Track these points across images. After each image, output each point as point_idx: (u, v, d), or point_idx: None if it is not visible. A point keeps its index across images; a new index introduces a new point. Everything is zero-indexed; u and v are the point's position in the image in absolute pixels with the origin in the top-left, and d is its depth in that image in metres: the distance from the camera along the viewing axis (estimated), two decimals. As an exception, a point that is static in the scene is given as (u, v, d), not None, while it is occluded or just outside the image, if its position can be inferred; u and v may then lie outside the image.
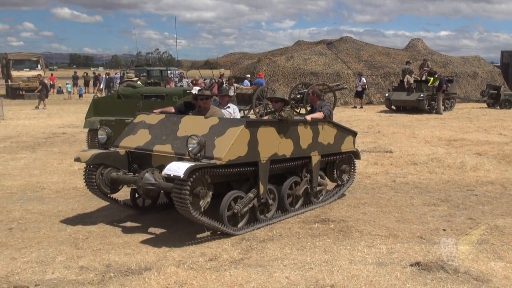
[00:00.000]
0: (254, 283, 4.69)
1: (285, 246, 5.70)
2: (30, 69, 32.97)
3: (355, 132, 7.99)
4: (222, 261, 5.28)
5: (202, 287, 4.62)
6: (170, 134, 6.32)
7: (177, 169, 5.23)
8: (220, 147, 5.72)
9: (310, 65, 29.35)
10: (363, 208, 7.28)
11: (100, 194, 6.48)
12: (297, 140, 6.69)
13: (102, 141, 6.51)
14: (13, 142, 13.83)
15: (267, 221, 6.44)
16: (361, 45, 33.54)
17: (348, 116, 20.69)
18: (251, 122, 6.21)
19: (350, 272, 4.89)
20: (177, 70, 41.21)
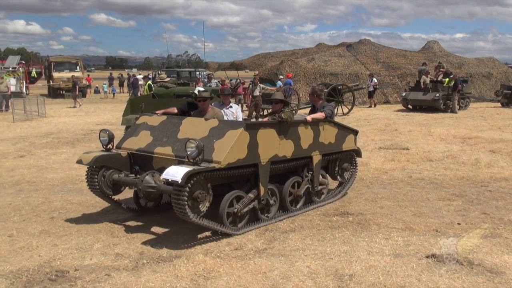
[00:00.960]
0: (277, 271, 4.69)
1: (306, 237, 5.69)
2: (69, 71, 33.53)
3: (356, 130, 7.68)
4: (247, 250, 5.29)
5: (228, 274, 4.65)
6: (171, 136, 6.03)
7: (175, 174, 4.94)
8: (219, 150, 5.42)
9: (330, 66, 29.15)
10: (381, 202, 7.20)
11: (103, 195, 6.23)
12: (297, 141, 6.37)
13: (104, 143, 6.28)
14: (54, 138, 14.10)
15: (268, 221, 6.15)
16: (379, 47, 33.14)
17: (366, 115, 20.49)
18: (250, 124, 5.83)
19: (368, 263, 4.85)
20: (205, 71, 41.47)
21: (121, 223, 6.22)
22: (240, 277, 4.58)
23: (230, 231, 5.60)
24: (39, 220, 6.41)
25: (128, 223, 6.26)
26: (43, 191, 7.98)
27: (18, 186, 8.33)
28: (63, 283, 4.49)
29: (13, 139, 13.82)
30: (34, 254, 5.19)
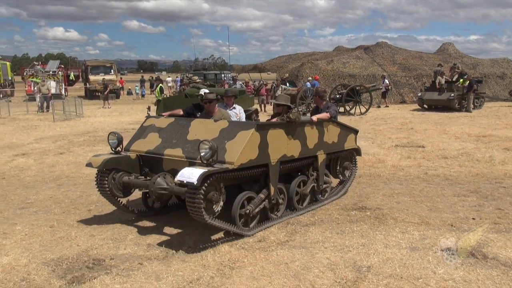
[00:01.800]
0: (298, 262, 4.68)
1: (326, 230, 5.66)
2: (104, 74, 34.10)
3: (356, 130, 7.48)
4: (270, 242, 5.30)
5: (252, 264, 4.66)
6: (180, 137, 5.76)
7: (190, 175, 4.67)
8: (232, 151, 5.19)
9: (349, 68, 28.88)
10: (397, 197, 7.11)
11: (113, 199, 5.94)
12: (304, 141, 6.16)
13: (113, 146, 5.97)
14: (91, 136, 14.35)
15: (278, 220, 5.94)
16: (395, 49, 32.65)
17: (383, 114, 20.23)
18: (261, 125, 5.58)
19: (385, 255, 4.80)
20: (229, 73, 41.60)
21: (150, 217, 6.29)
22: (263, 267, 4.59)
23: (243, 232, 5.37)
24: (77, 212, 6.54)
25: (156, 217, 6.32)
26: (81, 185, 8.14)
27: (58, 181, 8.52)
28: (100, 271, 4.57)
29: (54, 138, 14.12)
30: (73, 244, 5.30)
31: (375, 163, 9.67)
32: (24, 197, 7.41)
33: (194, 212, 4.82)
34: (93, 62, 37.99)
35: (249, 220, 5.51)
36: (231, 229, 5.25)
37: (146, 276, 4.45)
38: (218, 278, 4.37)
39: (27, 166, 9.86)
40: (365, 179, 8.33)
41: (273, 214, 5.92)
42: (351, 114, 20.10)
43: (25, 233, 5.69)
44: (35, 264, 4.72)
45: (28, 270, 4.58)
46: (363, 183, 8.09)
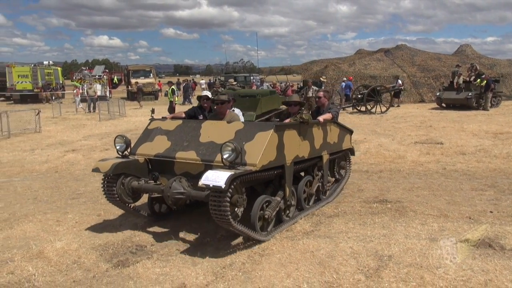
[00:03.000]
0: (323, 251, 4.65)
1: (349, 221, 5.60)
2: (144, 77, 34.59)
3: (351, 130, 7.16)
4: (296, 232, 5.28)
5: (280, 252, 4.66)
6: (192, 140, 5.22)
7: (216, 179, 4.19)
8: (252, 153, 4.74)
9: (370, 69, 28.44)
10: (417, 191, 6.96)
11: (121, 204, 5.39)
12: (312, 141, 5.81)
13: (120, 149, 5.38)
14: (133, 134, 14.61)
15: (291, 221, 5.52)
16: (414, 51, 31.93)
17: (403, 113, 19.83)
18: (279, 126, 5.12)
19: (405, 245, 4.71)
20: (258, 76, 41.65)
21: (184, 210, 6.34)
22: (290, 255, 4.58)
23: (262, 238, 4.90)
24: (121, 202, 6.67)
25: (189, 210, 6.39)
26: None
27: (104, 174, 8.71)
28: (142, 256, 4.67)
29: (100, 135, 14.47)
30: (118, 231, 5.43)
31: (395, 158, 9.50)
32: (75, 189, 7.63)
33: (220, 218, 4.35)
34: (134, 67, 38.63)
35: (266, 224, 5.07)
36: (252, 235, 4.75)
37: (183, 261, 4.52)
38: (249, 264, 4.39)
39: (77, 161, 10.14)
40: (386, 174, 8.20)
41: (285, 215, 5.49)
42: (372, 113, 19.80)
43: (75, 220, 5.86)
44: (85, 249, 4.86)
45: (78, 254, 4.72)
46: (384, 177, 7.96)
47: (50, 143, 12.94)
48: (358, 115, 19.49)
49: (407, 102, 25.51)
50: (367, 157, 9.81)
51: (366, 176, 8.09)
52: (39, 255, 4.66)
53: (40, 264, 4.47)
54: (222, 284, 3.98)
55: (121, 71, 44.92)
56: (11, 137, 13.97)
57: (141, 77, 34.56)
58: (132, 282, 4.10)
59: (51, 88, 33.21)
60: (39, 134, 14.81)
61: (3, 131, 14.26)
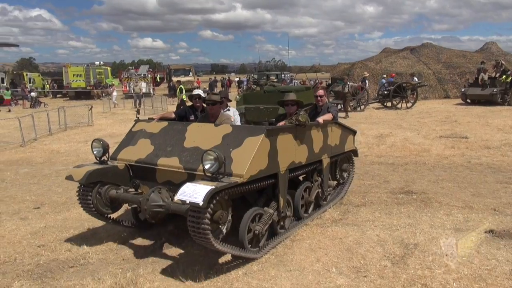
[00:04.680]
0: (351, 238, 4.59)
1: (375, 211, 5.49)
2: (184, 76, 35.04)
3: (355, 131, 6.26)
4: (325, 219, 5.23)
5: (310, 238, 4.63)
6: (176, 144, 4.40)
7: (193, 194, 3.42)
8: (239, 161, 3.89)
9: (396, 67, 27.63)
10: (442, 183, 6.74)
11: (99, 215, 4.55)
12: (311, 145, 4.95)
13: (98, 154, 4.57)
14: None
15: (286, 233, 4.66)
16: (440, 49, 30.74)
17: (428, 108, 19.21)
18: (271, 130, 4.19)
19: (430, 235, 4.58)
20: (288, 74, 41.41)
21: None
22: (320, 241, 4.54)
23: (252, 255, 4.08)
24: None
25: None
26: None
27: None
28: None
29: (145, 128, 14.77)
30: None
31: (421, 152, 9.22)
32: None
33: (199, 237, 3.56)
34: (175, 66, 39.22)
35: (257, 240, 4.18)
36: (239, 254, 3.95)
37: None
38: (281, 249, 4.39)
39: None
40: (411, 166, 7.98)
41: (279, 228, 4.61)
42: (398, 108, 19.29)
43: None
44: (133, 230, 4.97)
45: (126, 235, 4.84)
46: (410, 169, 7.75)
47: (101, 136, 13.34)
48: (384, 110, 19.03)
49: (432, 98, 24.68)
50: (392, 150, 9.57)
51: (392, 168, 7.90)
52: (93, 235, 4.83)
53: (94, 243, 4.64)
54: (256, 266, 4.00)
55: (164, 70, 45.71)
56: (67, 130, 14.50)
57: (181, 76, 35.02)
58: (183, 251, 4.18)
59: (102, 86, 34.24)
60: (91, 127, 15.29)
61: (60, 124, 14.83)
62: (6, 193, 6.90)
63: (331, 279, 3.71)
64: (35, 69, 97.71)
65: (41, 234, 4.97)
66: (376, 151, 9.54)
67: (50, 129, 13.65)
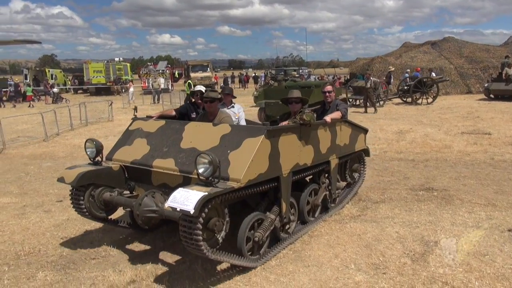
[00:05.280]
0: (370, 234, 4.55)
1: (394, 207, 5.43)
2: (202, 71, 35.21)
3: (366, 129, 5.90)
4: (344, 215, 5.20)
5: (329, 234, 4.61)
6: (172, 145, 4.16)
7: (184, 201, 3.19)
8: (237, 165, 3.63)
9: (416, 61, 27.10)
10: (463, 180, 6.60)
11: (93, 218, 4.40)
12: (317, 145, 4.62)
13: (91, 155, 4.34)
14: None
15: (290, 239, 4.37)
16: (462, 43, 30.03)
17: (449, 104, 18.82)
18: (272, 130, 3.89)
19: (452, 232, 4.50)
20: (306, 69, 41.18)
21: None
22: (338, 237, 4.52)
23: (252, 264, 3.84)
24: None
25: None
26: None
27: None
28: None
29: (163, 124, 14.91)
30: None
31: (442, 148, 9.05)
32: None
33: (191, 247, 3.34)
34: (193, 62, 39.38)
35: (258, 247, 3.94)
36: (237, 263, 3.71)
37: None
38: (299, 244, 4.38)
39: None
40: (432, 163, 7.84)
41: (283, 233, 4.34)
42: (418, 104, 18.95)
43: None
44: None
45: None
46: (430, 166, 7.62)
47: (121, 131, 13.46)
48: (404, 106, 18.73)
49: (454, 93, 24.16)
50: (413, 146, 9.42)
51: (412, 164, 7.78)
52: (113, 228, 4.90)
53: (115, 236, 4.72)
54: (274, 261, 4.01)
55: (182, 66, 46.00)
56: (88, 125, 14.77)
57: (199, 71, 35.23)
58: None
59: (121, 82, 34.73)
60: (111, 123, 15.54)
61: (81, 119, 15.12)
62: (30, 186, 7.09)
63: (350, 275, 3.70)
64: (57, 65, 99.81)
65: (64, 226, 5.10)
66: (396, 147, 9.41)
67: (72, 124, 13.94)
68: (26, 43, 28.57)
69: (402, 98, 19.99)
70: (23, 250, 4.41)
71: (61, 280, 3.77)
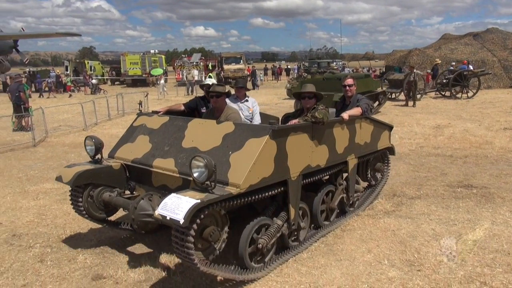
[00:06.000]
0: (404, 230, 4.46)
1: (431, 204, 5.28)
2: (235, 64, 35.36)
3: (391, 126, 5.48)
4: (377, 210, 5.12)
5: (361, 229, 4.56)
6: (174, 143, 3.86)
7: (175, 210, 2.89)
8: (237, 168, 3.29)
9: (456, 54, 26.03)
10: (505, 178, 6.32)
11: (93, 219, 4.17)
12: (332, 145, 4.23)
13: (90, 153, 4.11)
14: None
15: (299, 248, 4.03)
16: (507, 34, 28.47)
17: (491, 98, 18.00)
18: (278, 130, 3.51)
19: (491, 231, 4.34)
20: (340, 62, 40.54)
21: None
22: (371, 232, 4.46)
23: (254, 275, 3.52)
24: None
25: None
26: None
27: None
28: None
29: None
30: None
31: (482, 144, 8.70)
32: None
33: (184, 258, 3.07)
34: (226, 54, 39.59)
35: (262, 255, 3.65)
36: (235, 277, 3.39)
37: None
38: (331, 238, 4.36)
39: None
40: (472, 159, 7.55)
41: (292, 240, 4.03)
42: (458, 98, 18.25)
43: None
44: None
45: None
46: (470, 162, 7.35)
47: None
48: (442, 99, 18.10)
49: (496, 87, 23.09)
50: (451, 141, 9.11)
51: (450, 160, 7.53)
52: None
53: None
54: (305, 254, 4.01)
55: (215, 58, 46.39)
56: (125, 115, 15.20)
57: (232, 63, 35.39)
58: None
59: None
60: (147, 113, 15.91)
61: (118, 110, 15.58)
62: (71, 173, 7.38)
63: (383, 271, 3.64)
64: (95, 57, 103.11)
65: (102, 212, 5.29)
66: (433, 142, 9.13)
67: (109, 115, 14.39)
68: (67, 35, 29.65)
69: (440, 91, 19.31)
70: (64, 234, 4.62)
71: (99, 264, 3.92)
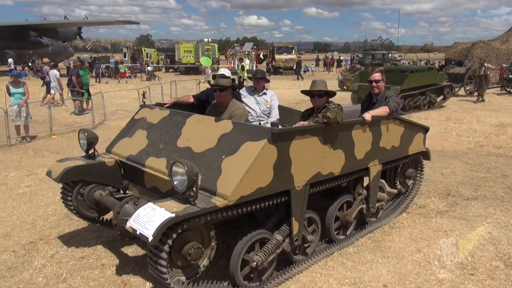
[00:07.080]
0: (458, 232, 4.27)
1: (489, 206, 5.00)
2: (287, 54, 35.16)
3: (427, 127, 4.82)
4: (430, 209, 4.93)
5: (412, 227, 4.42)
6: (169, 141, 3.49)
7: (146, 223, 2.55)
8: (228, 176, 2.84)
9: (526, 47, 24.15)
10: None
11: (83, 218, 3.88)
12: (350, 150, 3.66)
13: (83, 147, 3.82)
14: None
15: (306, 264, 3.55)
16: None
17: None
18: (279, 134, 2.96)
19: (556, 239, 4.04)
20: (396, 53, 39.06)
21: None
22: (422, 231, 4.31)
23: None
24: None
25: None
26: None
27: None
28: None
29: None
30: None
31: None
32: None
33: (157, 276, 2.72)
34: (278, 44, 39.41)
35: (257, 273, 3.18)
36: None
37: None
38: (379, 234, 4.27)
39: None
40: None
41: (298, 255, 3.57)
42: (525, 95, 16.99)
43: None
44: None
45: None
46: (535, 165, 6.85)
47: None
48: (506, 96, 16.93)
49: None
50: (515, 141, 8.53)
51: (513, 161, 7.06)
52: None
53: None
54: (351, 249, 3.96)
55: (267, 48, 46.37)
56: (178, 102, 15.68)
57: (284, 53, 35.21)
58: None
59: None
60: (198, 101, 16.31)
61: (171, 96, 16.08)
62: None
63: (432, 272, 3.52)
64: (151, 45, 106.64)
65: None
66: (494, 141, 8.59)
67: (163, 101, 14.88)
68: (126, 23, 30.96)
69: (505, 88, 18.07)
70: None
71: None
